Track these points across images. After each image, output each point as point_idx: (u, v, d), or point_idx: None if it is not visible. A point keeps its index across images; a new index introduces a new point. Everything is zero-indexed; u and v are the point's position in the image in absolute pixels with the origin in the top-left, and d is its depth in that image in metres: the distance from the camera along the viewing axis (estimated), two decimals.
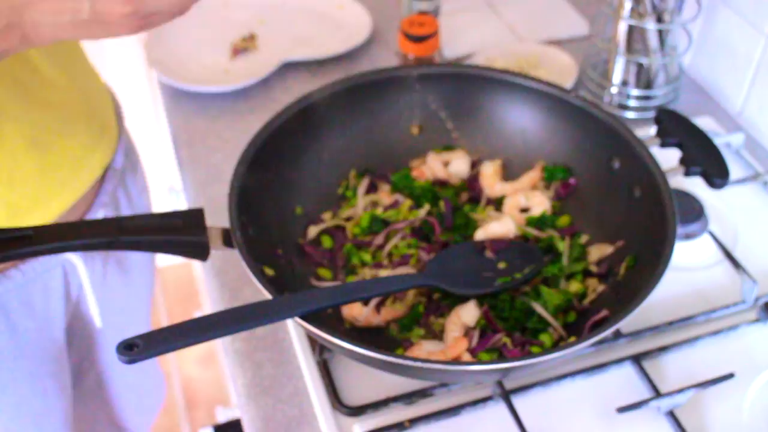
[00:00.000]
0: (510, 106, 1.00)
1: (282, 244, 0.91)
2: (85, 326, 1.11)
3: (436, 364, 0.72)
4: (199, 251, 0.77)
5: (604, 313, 0.84)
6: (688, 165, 0.89)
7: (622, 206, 0.92)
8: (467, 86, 1.01)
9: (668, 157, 0.92)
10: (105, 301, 1.09)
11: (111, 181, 1.02)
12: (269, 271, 0.83)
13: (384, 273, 0.90)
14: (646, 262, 0.83)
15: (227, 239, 0.79)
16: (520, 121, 1.01)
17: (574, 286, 0.89)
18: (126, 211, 1.09)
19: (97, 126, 0.99)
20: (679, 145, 0.91)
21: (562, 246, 0.92)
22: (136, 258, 1.15)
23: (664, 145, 0.92)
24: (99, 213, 1.00)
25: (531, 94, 0.99)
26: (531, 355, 0.77)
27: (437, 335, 0.87)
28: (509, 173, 1.02)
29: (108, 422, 1.24)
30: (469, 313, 0.85)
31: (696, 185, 0.98)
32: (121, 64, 2.02)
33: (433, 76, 1.01)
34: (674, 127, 0.93)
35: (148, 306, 1.25)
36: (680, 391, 0.82)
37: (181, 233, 0.77)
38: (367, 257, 0.93)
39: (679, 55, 1.20)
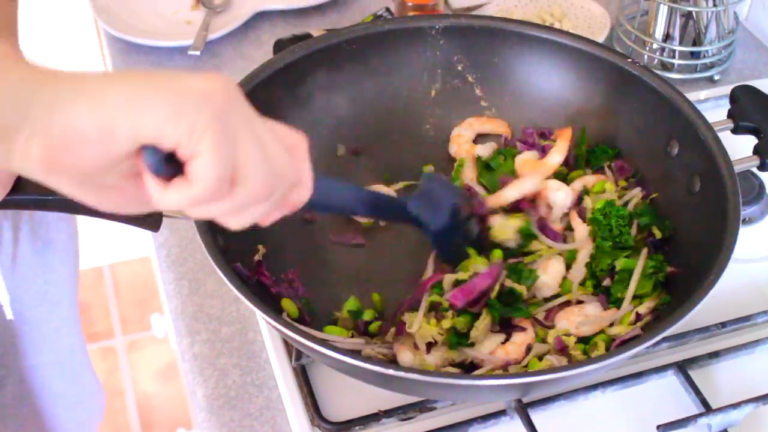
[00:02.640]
0: (534, 68, 0.98)
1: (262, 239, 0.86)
2: None
3: (439, 378, 0.72)
4: (150, 217, 0.75)
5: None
6: (765, 157, 0.87)
7: (677, 199, 0.90)
8: (487, 41, 0.98)
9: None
10: (16, 288, 1.05)
11: None
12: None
13: None
14: (701, 254, 0.80)
15: None
16: (546, 86, 0.99)
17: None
18: None
19: None
20: (756, 132, 0.89)
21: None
22: (54, 233, 1.11)
23: (737, 129, 0.90)
24: None
25: (562, 53, 0.96)
26: (555, 369, 0.75)
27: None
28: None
29: None
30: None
31: None
32: (63, 10, 1.98)
33: (460, 29, 0.97)
34: (753, 108, 0.90)
35: (73, 295, 1.21)
36: (736, 406, 0.82)
37: None
38: None
39: (734, 2, 1.19)
